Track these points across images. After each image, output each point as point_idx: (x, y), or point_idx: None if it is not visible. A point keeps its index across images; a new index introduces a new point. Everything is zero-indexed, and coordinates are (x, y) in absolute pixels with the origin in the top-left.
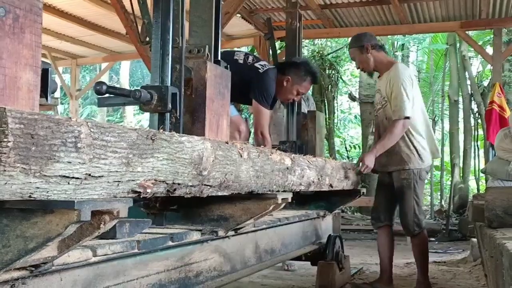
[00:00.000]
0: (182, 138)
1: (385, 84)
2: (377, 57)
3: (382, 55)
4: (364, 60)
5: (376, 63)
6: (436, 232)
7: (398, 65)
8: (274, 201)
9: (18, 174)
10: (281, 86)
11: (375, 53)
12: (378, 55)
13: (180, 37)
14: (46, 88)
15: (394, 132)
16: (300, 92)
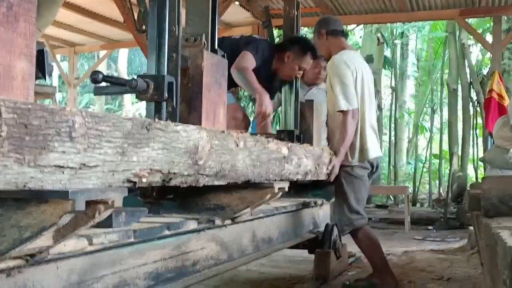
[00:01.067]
0: (178, 127)
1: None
2: (332, 44)
3: (337, 41)
4: (321, 45)
5: (331, 49)
6: (434, 221)
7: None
8: (271, 191)
9: (12, 164)
10: (282, 63)
11: (331, 39)
12: (333, 41)
13: (177, 25)
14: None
15: (347, 127)
16: (301, 67)
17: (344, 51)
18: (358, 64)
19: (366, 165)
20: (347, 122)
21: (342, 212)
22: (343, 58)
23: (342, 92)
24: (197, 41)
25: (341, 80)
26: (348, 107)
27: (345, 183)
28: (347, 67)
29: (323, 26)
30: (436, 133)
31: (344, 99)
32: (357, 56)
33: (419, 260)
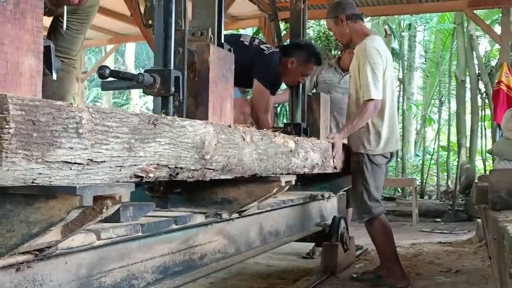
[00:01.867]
0: (184, 122)
1: (354, 58)
2: (354, 29)
3: (359, 26)
4: (339, 32)
5: (352, 35)
6: (442, 213)
7: (368, 39)
8: (278, 184)
9: (20, 161)
10: (285, 68)
11: (351, 24)
12: (354, 26)
13: (183, 20)
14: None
15: (364, 114)
16: (304, 73)
17: (373, 36)
18: (386, 52)
19: (387, 154)
20: (368, 110)
21: (362, 199)
22: (375, 45)
23: (373, 81)
24: (203, 35)
25: (372, 68)
26: (377, 97)
27: (366, 170)
28: (379, 56)
29: (340, 10)
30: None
31: (374, 88)
32: (383, 43)
33: (427, 253)
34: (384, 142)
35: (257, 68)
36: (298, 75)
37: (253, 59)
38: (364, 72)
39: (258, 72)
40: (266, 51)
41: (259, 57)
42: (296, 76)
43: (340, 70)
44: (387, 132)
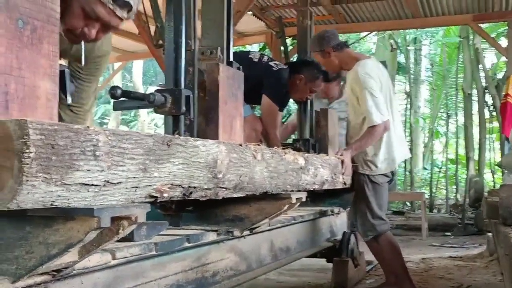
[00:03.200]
0: (197, 142)
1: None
2: (342, 58)
3: (346, 53)
4: (328, 64)
5: (342, 64)
6: (451, 226)
7: (358, 66)
8: (289, 201)
9: (40, 184)
10: (294, 85)
11: (339, 54)
12: (341, 55)
13: (193, 40)
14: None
15: (374, 135)
16: (313, 90)
17: (362, 62)
18: (377, 71)
19: (388, 173)
20: (377, 133)
21: (365, 218)
22: (366, 71)
23: (375, 105)
24: (212, 54)
25: (371, 93)
26: (382, 119)
27: (367, 189)
28: (372, 79)
29: (325, 44)
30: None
31: (377, 112)
32: (374, 63)
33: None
34: (381, 163)
35: (266, 85)
36: (307, 92)
37: (262, 75)
38: (364, 100)
39: (267, 88)
40: (274, 68)
41: (268, 74)
42: (304, 93)
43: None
44: (384, 153)
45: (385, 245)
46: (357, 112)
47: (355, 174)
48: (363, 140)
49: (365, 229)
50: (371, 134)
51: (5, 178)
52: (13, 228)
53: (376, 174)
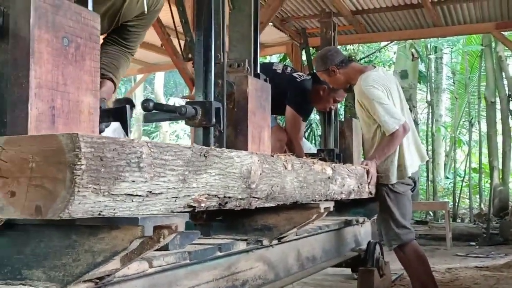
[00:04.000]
0: (232, 153)
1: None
2: (347, 74)
3: (350, 68)
4: (335, 81)
5: (349, 79)
6: (476, 236)
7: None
8: (317, 211)
9: (90, 194)
10: (317, 96)
11: (344, 70)
12: (347, 71)
13: (222, 53)
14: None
15: (394, 140)
16: (336, 100)
17: (364, 75)
18: (382, 81)
19: (406, 181)
20: (397, 138)
21: (388, 227)
22: (368, 82)
23: (387, 113)
24: (240, 66)
25: (380, 103)
26: (399, 123)
27: (389, 199)
28: (375, 89)
29: (328, 63)
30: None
31: (392, 118)
32: (377, 73)
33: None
34: (397, 171)
35: (290, 96)
36: (330, 102)
37: (285, 87)
38: (375, 111)
39: (291, 99)
40: (298, 79)
41: (292, 85)
42: (327, 103)
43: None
44: (397, 161)
45: (411, 254)
46: (368, 125)
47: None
48: (386, 148)
49: (389, 238)
50: (392, 140)
51: (58, 189)
52: (60, 237)
53: (392, 183)
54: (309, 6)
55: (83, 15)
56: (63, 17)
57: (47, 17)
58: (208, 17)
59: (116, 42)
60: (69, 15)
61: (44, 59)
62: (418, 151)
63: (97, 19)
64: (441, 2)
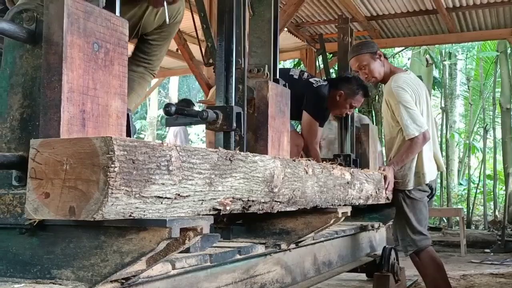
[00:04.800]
0: (256, 157)
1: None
2: (387, 66)
3: (388, 64)
4: (377, 67)
5: (385, 73)
6: (491, 243)
7: (392, 80)
8: (335, 215)
9: (122, 196)
10: (334, 101)
11: (385, 61)
12: (387, 64)
13: (243, 58)
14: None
15: (414, 147)
16: (353, 105)
17: (397, 76)
18: (412, 85)
19: (423, 187)
20: (416, 144)
21: (405, 233)
22: (399, 84)
23: (410, 118)
24: (260, 72)
25: (405, 106)
26: (420, 131)
27: (405, 205)
28: (405, 92)
29: (376, 47)
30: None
31: (414, 124)
32: (409, 77)
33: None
34: (414, 176)
35: (307, 101)
36: (347, 107)
37: (302, 92)
38: (399, 113)
39: (308, 104)
40: (315, 84)
41: (309, 90)
42: (344, 108)
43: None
44: (415, 167)
45: (427, 261)
46: (391, 125)
47: (394, 190)
48: (404, 154)
49: (405, 244)
50: (411, 146)
51: (92, 191)
52: (89, 238)
53: (409, 188)
54: (324, 12)
55: (112, 21)
56: (93, 23)
57: (79, 23)
58: (230, 23)
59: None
60: (100, 21)
61: (76, 64)
62: (436, 160)
63: (125, 24)
64: (456, 8)
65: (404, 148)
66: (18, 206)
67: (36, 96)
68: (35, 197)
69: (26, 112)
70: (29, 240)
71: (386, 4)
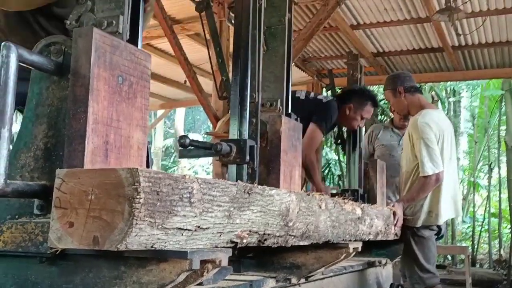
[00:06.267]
0: (272, 191)
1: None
2: (411, 101)
3: (416, 98)
4: (397, 104)
5: (410, 107)
6: (496, 283)
7: (420, 115)
8: (346, 250)
9: (146, 227)
10: (344, 115)
11: (409, 96)
12: (412, 98)
13: (257, 92)
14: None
15: (425, 187)
16: (363, 117)
17: (426, 111)
18: (441, 125)
19: (433, 227)
20: (428, 184)
21: (412, 270)
22: (426, 120)
23: (428, 155)
24: (273, 106)
25: (426, 144)
26: (434, 171)
27: (413, 242)
28: (430, 129)
29: (399, 83)
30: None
31: (430, 162)
32: (438, 115)
33: None
34: (425, 214)
35: (316, 114)
36: (358, 119)
37: (310, 110)
38: (419, 149)
39: (317, 117)
40: (324, 100)
41: (318, 106)
42: (355, 121)
43: (397, 131)
44: (427, 205)
45: None
46: (409, 159)
47: (402, 227)
48: (415, 192)
49: (414, 282)
50: (423, 185)
51: (116, 221)
52: (109, 268)
53: (418, 226)
54: (331, 47)
55: (136, 55)
56: (119, 57)
57: (105, 57)
58: (245, 58)
59: None
60: (125, 55)
61: (101, 96)
62: (454, 203)
63: (149, 58)
64: (462, 47)
65: (416, 186)
66: (40, 234)
67: (60, 126)
68: (59, 226)
69: (50, 142)
70: (48, 269)
71: (393, 41)
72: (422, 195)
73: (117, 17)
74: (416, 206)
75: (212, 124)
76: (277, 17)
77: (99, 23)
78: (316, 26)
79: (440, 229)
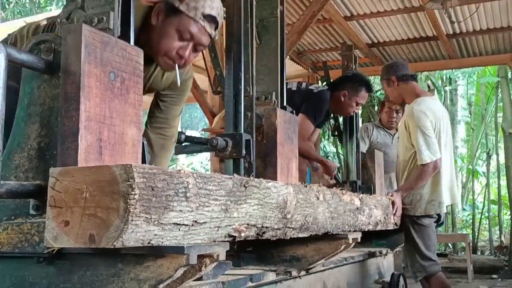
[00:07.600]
0: (269, 184)
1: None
2: (405, 89)
3: (411, 86)
4: (391, 93)
5: (404, 95)
6: (498, 269)
7: (415, 103)
8: (345, 241)
9: (141, 223)
10: (339, 102)
11: (403, 85)
12: (406, 87)
13: (251, 86)
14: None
15: (423, 175)
16: (358, 102)
17: (421, 99)
18: (436, 112)
19: (433, 215)
20: (427, 172)
21: (414, 259)
22: (421, 108)
23: (425, 143)
24: (268, 99)
25: (423, 132)
26: (432, 158)
27: (413, 231)
28: (426, 117)
29: (391, 72)
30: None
31: (428, 150)
32: (433, 102)
33: None
34: (426, 203)
35: (306, 105)
36: (353, 106)
37: (302, 101)
38: (416, 137)
39: (306, 106)
40: (315, 90)
41: (308, 96)
42: (351, 107)
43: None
44: (429, 194)
45: (437, 286)
46: (406, 148)
47: (402, 216)
48: (413, 181)
49: (415, 270)
50: (421, 173)
51: (111, 219)
52: (107, 265)
53: (418, 214)
54: (326, 39)
55: (128, 51)
56: (110, 53)
57: (96, 53)
58: (238, 51)
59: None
60: (116, 51)
61: (93, 93)
62: (450, 189)
63: (140, 53)
64: (457, 35)
65: (414, 175)
66: (36, 234)
67: (53, 125)
68: (55, 225)
69: (43, 141)
70: (46, 269)
71: (387, 31)
72: (421, 183)
73: (108, 14)
74: (415, 195)
75: (209, 120)
76: (269, 9)
77: (90, 20)
78: (310, 18)
79: (440, 217)
